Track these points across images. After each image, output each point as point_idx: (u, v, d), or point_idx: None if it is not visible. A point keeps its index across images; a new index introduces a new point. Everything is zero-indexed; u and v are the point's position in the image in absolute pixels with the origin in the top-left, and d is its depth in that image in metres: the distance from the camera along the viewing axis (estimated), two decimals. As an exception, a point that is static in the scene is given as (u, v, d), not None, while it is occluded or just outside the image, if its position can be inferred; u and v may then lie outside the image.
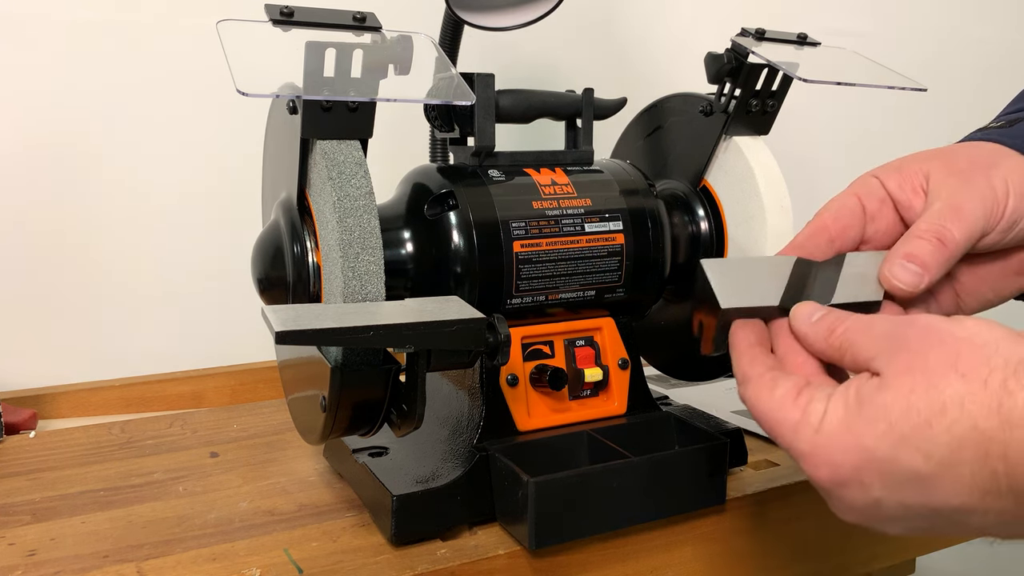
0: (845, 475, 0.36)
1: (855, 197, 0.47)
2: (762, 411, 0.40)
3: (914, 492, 0.34)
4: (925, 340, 0.35)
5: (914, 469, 0.34)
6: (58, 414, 0.85)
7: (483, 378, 0.60)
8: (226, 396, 0.91)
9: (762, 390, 0.40)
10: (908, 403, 0.34)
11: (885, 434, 0.34)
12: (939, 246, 0.43)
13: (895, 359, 0.35)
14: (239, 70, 0.47)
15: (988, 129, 0.49)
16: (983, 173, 0.44)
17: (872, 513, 0.36)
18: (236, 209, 0.82)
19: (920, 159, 0.47)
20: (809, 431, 0.37)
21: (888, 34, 1.29)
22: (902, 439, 0.34)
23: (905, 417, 0.34)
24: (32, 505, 0.62)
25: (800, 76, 0.64)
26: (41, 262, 0.87)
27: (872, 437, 0.34)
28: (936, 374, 0.34)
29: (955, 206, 0.43)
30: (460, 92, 0.53)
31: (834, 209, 0.48)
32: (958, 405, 0.33)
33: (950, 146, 0.48)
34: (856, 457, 0.35)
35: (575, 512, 0.54)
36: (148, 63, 0.89)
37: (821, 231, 0.47)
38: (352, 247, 0.51)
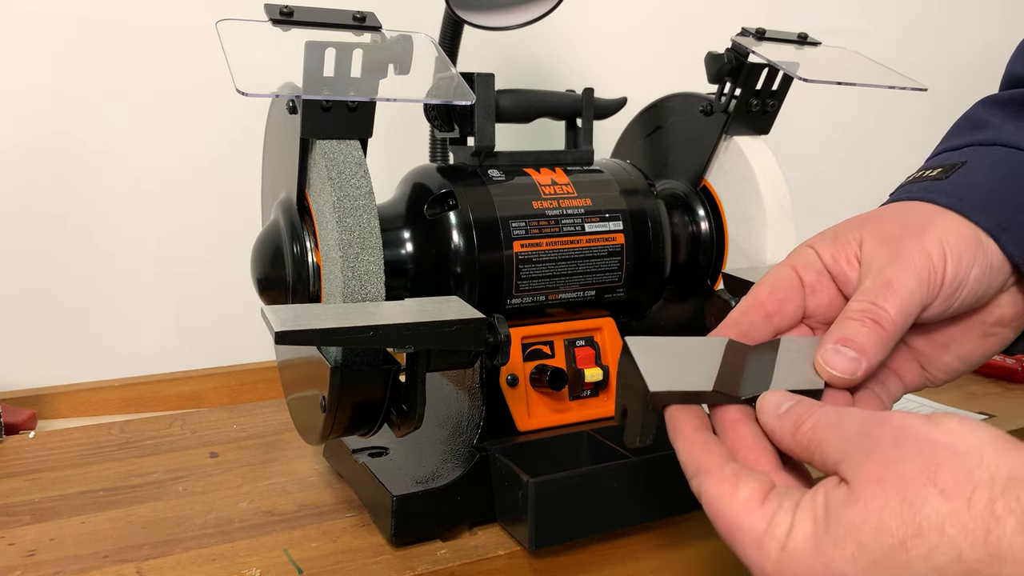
0: None
1: (792, 269, 0.43)
2: (721, 512, 0.35)
3: None
4: (898, 445, 0.31)
5: None
6: (58, 414, 0.85)
7: (483, 378, 0.60)
8: (226, 396, 0.91)
9: (723, 487, 0.35)
10: (880, 521, 0.29)
11: (855, 558, 0.30)
12: (874, 327, 0.39)
13: (864, 465, 0.31)
14: (239, 70, 0.46)
15: (923, 180, 0.45)
16: (915, 239, 0.40)
17: None
18: (236, 209, 0.82)
19: (854, 226, 0.43)
20: (775, 547, 0.32)
21: (888, 34, 1.29)
22: (874, 565, 0.29)
23: (876, 539, 0.29)
24: (32, 505, 0.62)
25: (800, 76, 0.64)
26: (41, 262, 0.87)
27: (841, 561, 0.30)
28: (911, 487, 0.29)
29: (887, 281, 0.39)
30: (460, 92, 0.53)
31: (770, 283, 0.43)
32: (938, 529, 0.28)
33: (885, 208, 0.44)
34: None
35: (575, 512, 0.54)
36: (147, 65, 0.89)
37: (757, 307, 0.43)
38: (352, 247, 0.51)
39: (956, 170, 0.44)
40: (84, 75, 0.86)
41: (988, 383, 0.91)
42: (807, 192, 0.74)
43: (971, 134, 0.46)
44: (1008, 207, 0.41)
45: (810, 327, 0.44)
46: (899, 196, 0.45)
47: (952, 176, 0.43)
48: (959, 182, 0.43)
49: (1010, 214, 0.41)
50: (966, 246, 0.40)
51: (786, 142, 0.76)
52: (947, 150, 0.47)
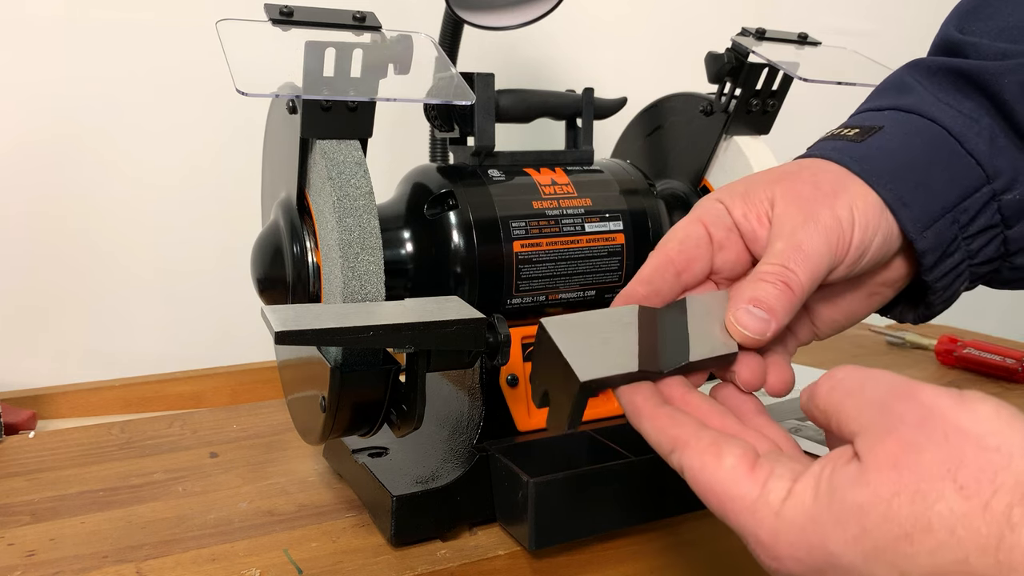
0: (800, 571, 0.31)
1: (701, 225, 0.43)
2: (708, 483, 0.34)
3: None
4: (922, 427, 0.29)
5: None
6: (58, 414, 0.85)
7: (483, 378, 0.60)
8: (226, 396, 0.91)
9: (706, 457, 0.34)
10: (888, 509, 0.28)
11: (857, 540, 0.29)
12: (784, 289, 0.39)
13: (882, 445, 0.29)
14: (239, 70, 0.46)
15: (840, 139, 0.45)
16: (827, 203, 0.40)
17: None
18: (236, 209, 0.82)
19: (766, 182, 0.43)
20: (769, 514, 0.31)
21: (889, 34, 1.29)
22: (876, 551, 0.28)
23: (882, 526, 0.28)
24: (31, 505, 0.62)
25: (800, 76, 0.64)
26: (41, 262, 0.87)
27: (841, 542, 0.29)
28: (928, 479, 0.28)
29: (797, 244, 0.39)
30: (460, 92, 0.53)
31: (679, 239, 0.43)
32: (948, 528, 0.27)
33: (797, 164, 0.44)
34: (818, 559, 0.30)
35: (575, 512, 0.54)
36: (147, 64, 0.89)
37: (667, 264, 0.42)
38: (352, 247, 0.51)
39: (872, 134, 0.44)
40: (84, 75, 0.86)
41: (988, 383, 0.91)
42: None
43: (894, 97, 0.46)
44: (911, 181, 0.42)
45: (715, 283, 0.44)
46: (814, 153, 0.45)
47: (867, 140, 0.43)
48: (873, 146, 0.43)
49: (912, 188, 0.42)
50: (872, 214, 0.41)
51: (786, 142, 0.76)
52: (868, 110, 0.47)
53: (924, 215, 0.42)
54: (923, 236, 0.42)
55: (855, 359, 1.01)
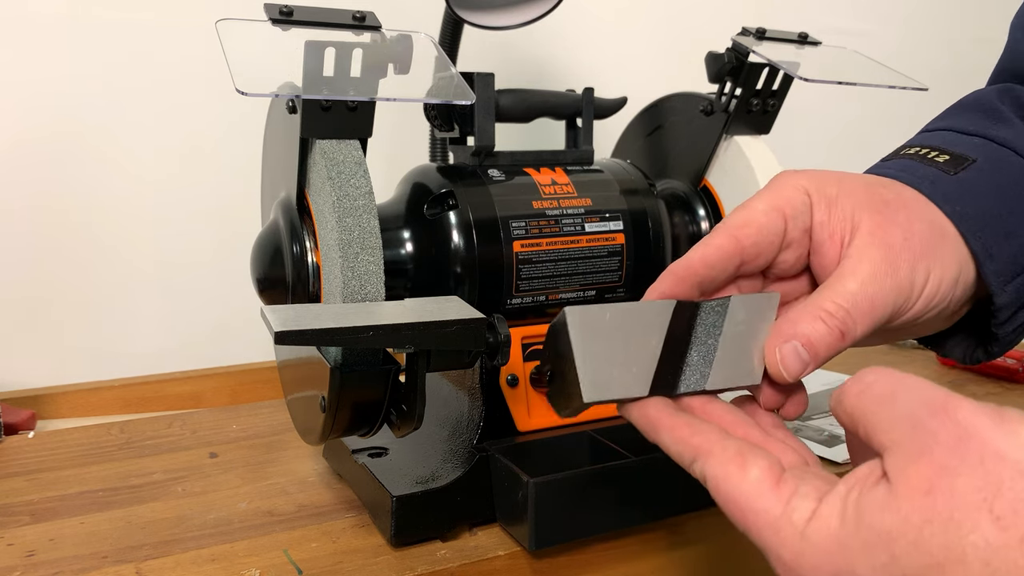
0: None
1: (782, 219, 0.40)
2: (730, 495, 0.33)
3: None
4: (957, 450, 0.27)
5: None
6: (57, 414, 0.85)
7: (483, 378, 0.60)
8: (226, 396, 0.91)
9: (730, 467, 0.33)
10: (919, 537, 0.27)
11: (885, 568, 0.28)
12: (839, 339, 0.37)
13: (913, 467, 0.28)
14: (238, 69, 0.46)
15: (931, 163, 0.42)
16: (910, 262, 0.38)
17: None
18: (235, 209, 0.82)
19: (858, 202, 0.40)
20: (793, 534, 0.30)
21: (889, 34, 1.29)
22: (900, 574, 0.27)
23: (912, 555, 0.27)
24: (31, 505, 0.62)
25: (801, 75, 0.64)
26: (41, 262, 0.87)
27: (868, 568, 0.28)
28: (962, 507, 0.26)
29: (871, 297, 0.37)
30: (460, 92, 0.53)
31: (757, 228, 0.40)
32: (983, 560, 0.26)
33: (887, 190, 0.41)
34: None
35: (575, 512, 0.54)
36: (147, 64, 0.89)
37: (737, 253, 0.39)
38: (351, 247, 0.51)
39: (965, 167, 0.41)
40: (85, 73, 0.86)
41: (988, 383, 0.91)
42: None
43: (984, 124, 0.43)
44: (1001, 231, 0.40)
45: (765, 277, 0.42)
46: (905, 177, 0.42)
47: (960, 174, 0.41)
48: (966, 184, 0.41)
49: (1001, 238, 0.40)
50: (951, 275, 0.39)
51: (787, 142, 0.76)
52: (953, 130, 0.44)
53: (1008, 268, 0.40)
54: (1004, 291, 0.40)
55: (854, 359, 1.01)
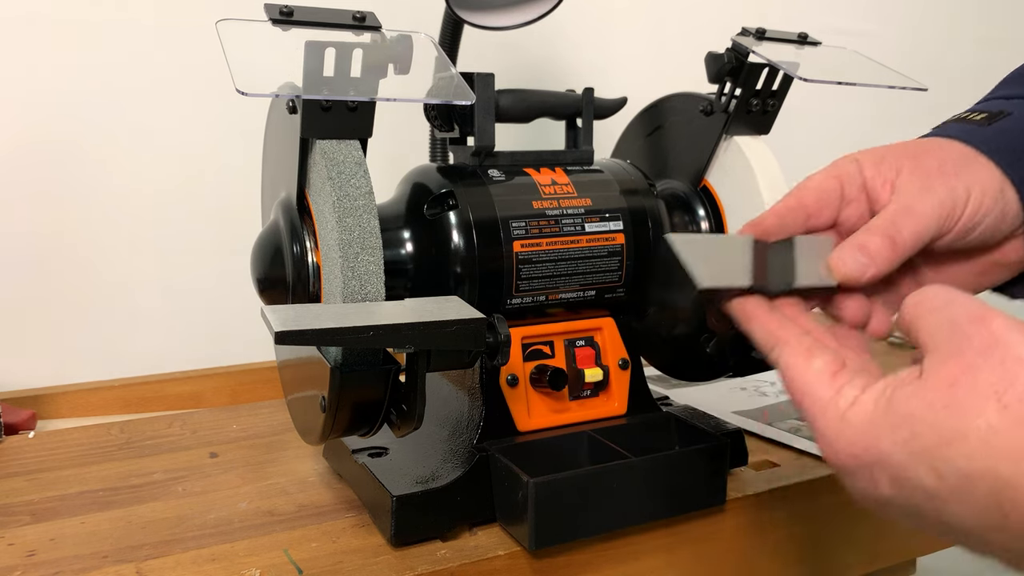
0: (856, 468, 0.36)
1: (837, 181, 0.48)
2: (794, 379, 0.39)
3: (924, 502, 0.34)
4: (985, 352, 0.33)
5: (924, 484, 0.33)
6: (58, 414, 0.85)
7: (483, 378, 0.60)
8: (226, 396, 0.91)
9: (798, 357, 0.40)
10: (936, 419, 0.33)
11: (906, 442, 0.34)
12: (888, 243, 0.44)
13: (945, 365, 0.34)
14: (239, 69, 0.46)
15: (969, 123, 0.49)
16: (947, 181, 0.45)
17: (881, 507, 0.37)
18: (235, 209, 0.82)
19: (897, 155, 0.47)
20: (836, 415, 0.37)
21: (889, 34, 1.29)
22: (918, 452, 0.33)
23: (928, 433, 0.33)
24: (31, 505, 0.62)
25: (800, 76, 0.64)
26: (41, 262, 0.87)
27: (890, 442, 0.34)
28: (976, 397, 0.32)
29: (909, 207, 0.45)
30: (460, 92, 0.53)
31: (816, 188, 0.48)
32: (983, 439, 0.31)
33: (927, 141, 0.49)
34: (870, 456, 0.35)
35: (575, 512, 0.54)
36: (147, 63, 0.89)
37: (800, 208, 0.47)
38: (352, 247, 0.51)
39: (999, 119, 0.48)
40: (84, 75, 0.86)
41: None
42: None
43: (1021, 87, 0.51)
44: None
45: (838, 233, 0.48)
46: (945, 132, 0.49)
47: (994, 124, 0.48)
48: (999, 129, 0.47)
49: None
50: (990, 194, 0.45)
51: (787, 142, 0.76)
52: (995, 98, 0.51)
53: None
54: None
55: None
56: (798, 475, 0.67)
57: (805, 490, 0.66)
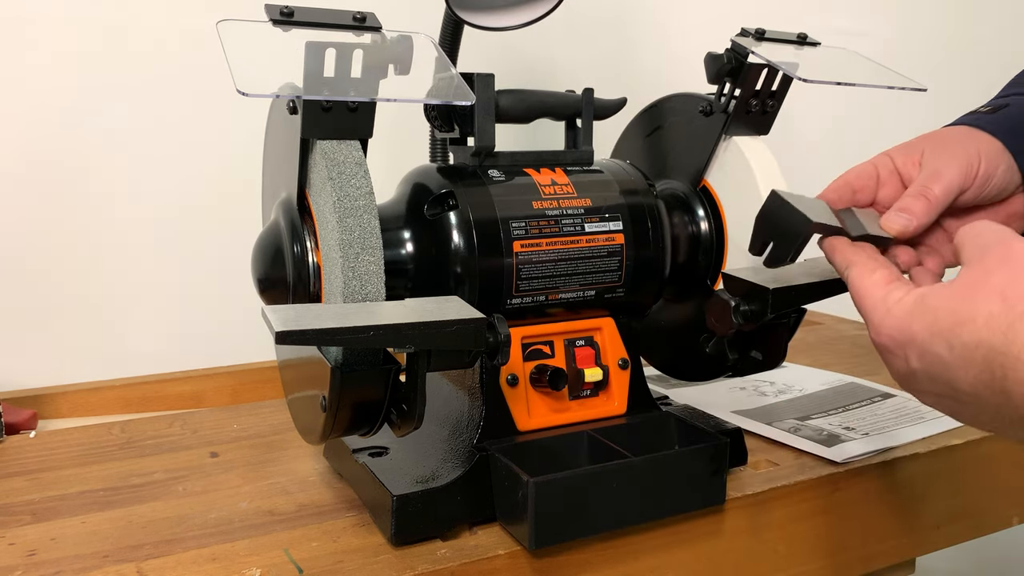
0: (893, 346, 0.46)
1: (872, 167, 0.60)
2: (856, 286, 0.50)
3: (939, 370, 0.44)
4: (1001, 262, 0.43)
5: (939, 354, 0.43)
6: (58, 414, 0.85)
7: (483, 378, 0.60)
8: (226, 396, 0.91)
9: (864, 271, 0.50)
10: (953, 307, 0.43)
11: (929, 326, 0.44)
12: (923, 200, 0.56)
13: (969, 271, 0.44)
14: (239, 70, 0.46)
15: (976, 114, 0.62)
16: (962, 147, 0.58)
17: (909, 380, 0.46)
18: (236, 209, 0.82)
19: (919, 140, 0.61)
20: (882, 308, 0.47)
21: (889, 34, 1.29)
22: (938, 331, 0.43)
23: (946, 317, 0.43)
24: (32, 505, 0.63)
25: (800, 76, 0.64)
26: (41, 263, 0.87)
27: (920, 325, 0.44)
28: (987, 292, 0.42)
29: (936, 171, 0.57)
30: (460, 92, 0.53)
31: (856, 171, 0.60)
32: (985, 321, 0.41)
33: (944, 129, 0.62)
34: (904, 336, 0.45)
35: (575, 512, 0.54)
36: (148, 63, 0.89)
37: (847, 186, 0.59)
38: (352, 247, 0.51)
39: (1001, 110, 0.62)
40: (84, 77, 0.87)
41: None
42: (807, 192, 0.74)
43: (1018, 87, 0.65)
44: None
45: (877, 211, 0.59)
46: (957, 122, 0.63)
47: (998, 113, 0.61)
48: (1001, 115, 0.61)
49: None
50: (997, 154, 0.58)
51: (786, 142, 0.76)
52: (1000, 96, 0.65)
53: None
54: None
55: (854, 359, 1.02)
56: (798, 475, 0.67)
57: (804, 490, 0.66)
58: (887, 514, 0.71)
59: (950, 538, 0.77)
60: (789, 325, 0.66)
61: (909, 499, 0.72)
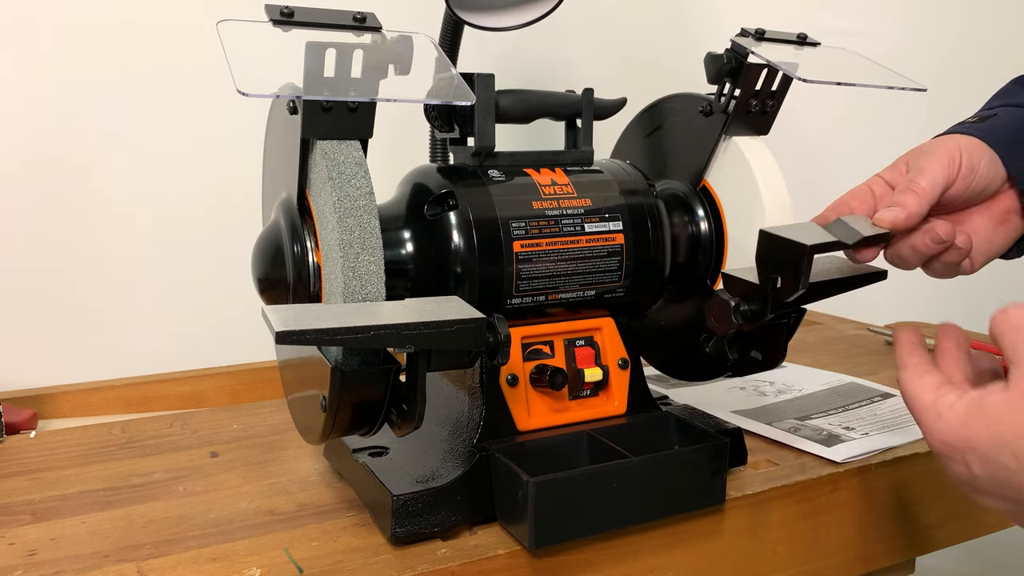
0: (950, 452, 0.48)
1: (867, 186, 0.64)
2: (907, 389, 0.52)
3: (1006, 476, 0.45)
4: None
5: (1006, 464, 0.45)
6: (58, 414, 0.85)
7: (483, 378, 0.60)
8: (226, 396, 0.91)
9: (913, 375, 0.52)
10: (1016, 419, 0.45)
11: (993, 438, 0.46)
12: (911, 193, 0.60)
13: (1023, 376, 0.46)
14: (239, 70, 0.47)
15: (965, 123, 0.66)
16: (942, 146, 0.62)
17: (971, 483, 0.48)
18: (236, 209, 0.82)
19: (905, 155, 0.65)
20: (934, 414, 0.49)
21: (889, 34, 1.29)
22: (1003, 444, 0.45)
23: (1012, 428, 0.45)
24: (32, 505, 0.63)
25: (800, 76, 0.64)
26: (42, 262, 0.87)
27: (982, 435, 0.46)
28: None
29: (920, 168, 0.61)
30: (460, 92, 0.53)
31: (852, 193, 0.64)
32: None
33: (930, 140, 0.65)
34: (963, 444, 0.47)
35: (575, 512, 0.54)
36: (149, 64, 0.89)
37: (845, 205, 0.63)
38: (352, 247, 0.51)
39: (987, 119, 0.65)
40: (85, 76, 0.87)
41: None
42: (807, 192, 0.74)
43: (1004, 99, 0.69)
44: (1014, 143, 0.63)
45: None
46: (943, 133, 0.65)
47: (986, 122, 0.65)
48: (987, 123, 0.64)
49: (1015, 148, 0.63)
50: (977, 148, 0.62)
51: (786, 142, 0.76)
52: (986, 107, 0.69)
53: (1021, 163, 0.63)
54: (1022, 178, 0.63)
55: (852, 359, 1.02)
56: (797, 475, 0.67)
57: (804, 490, 0.66)
58: (887, 514, 0.72)
59: (950, 538, 0.77)
60: (789, 325, 0.66)
61: (909, 499, 0.72)
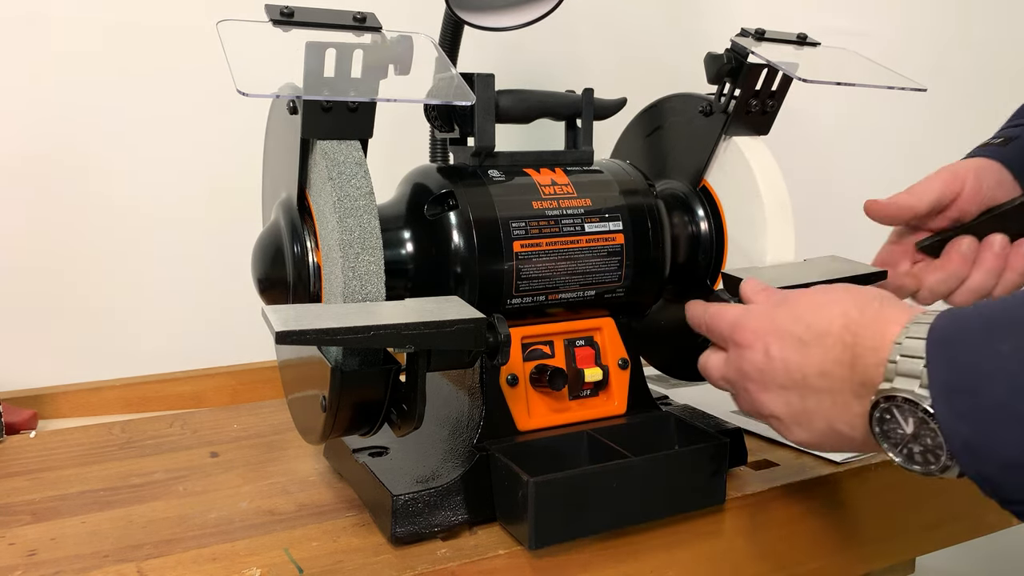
0: (753, 341, 0.51)
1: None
2: (715, 311, 0.56)
3: (798, 360, 0.48)
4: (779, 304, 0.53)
5: (800, 336, 0.48)
6: (58, 414, 0.85)
7: (483, 378, 0.60)
8: (226, 396, 0.91)
9: (721, 307, 0.57)
10: (814, 298, 0.50)
11: (792, 315, 0.50)
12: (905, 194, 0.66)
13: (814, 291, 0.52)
14: (239, 70, 0.47)
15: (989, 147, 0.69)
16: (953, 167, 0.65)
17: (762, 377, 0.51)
18: (236, 209, 0.82)
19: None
20: (742, 310, 0.54)
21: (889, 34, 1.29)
22: (799, 315, 0.49)
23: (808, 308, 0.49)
24: (32, 505, 0.63)
25: (799, 76, 0.64)
26: (42, 262, 0.87)
27: (786, 316, 0.50)
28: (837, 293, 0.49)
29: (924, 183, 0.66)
30: (460, 92, 0.53)
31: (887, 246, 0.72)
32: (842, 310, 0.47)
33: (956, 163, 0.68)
34: (769, 325, 0.50)
35: (575, 512, 0.54)
36: (149, 64, 0.89)
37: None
38: (352, 247, 0.51)
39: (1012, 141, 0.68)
40: (85, 76, 0.87)
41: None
42: (807, 192, 0.74)
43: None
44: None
45: None
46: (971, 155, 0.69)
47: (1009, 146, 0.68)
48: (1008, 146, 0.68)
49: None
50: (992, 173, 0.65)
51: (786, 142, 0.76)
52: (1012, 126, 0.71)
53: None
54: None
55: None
56: (797, 474, 0.67)
57: (804, 489, 0.66)
58: (887, 514, 0.71)
59: (950, 538, 0.77)
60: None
61: (909, 499, 0.72)
